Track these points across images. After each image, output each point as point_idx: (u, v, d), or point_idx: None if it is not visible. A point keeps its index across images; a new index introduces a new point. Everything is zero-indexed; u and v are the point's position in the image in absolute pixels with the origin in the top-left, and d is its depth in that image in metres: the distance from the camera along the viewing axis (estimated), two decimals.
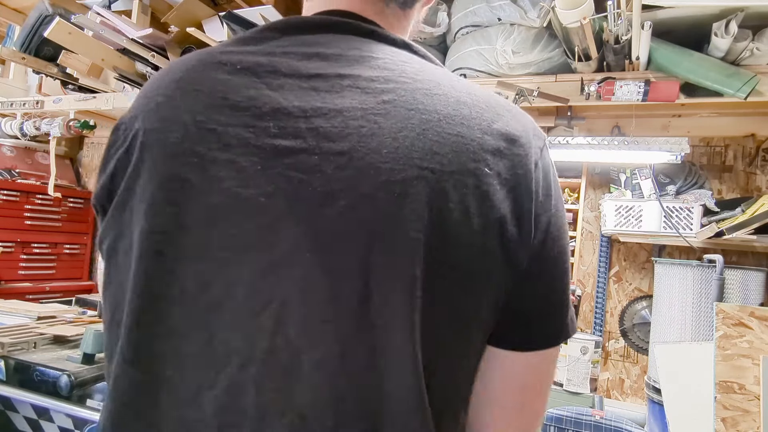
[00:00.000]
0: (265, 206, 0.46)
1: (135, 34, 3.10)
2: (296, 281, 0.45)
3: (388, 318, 0.45)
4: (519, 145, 0.52)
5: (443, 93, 0.50)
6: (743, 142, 2.72)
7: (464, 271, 0.47)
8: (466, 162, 0.47)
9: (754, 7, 1.92)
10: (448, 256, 0.46)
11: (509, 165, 0.50)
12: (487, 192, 0.48)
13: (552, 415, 2.03)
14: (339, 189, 0.45)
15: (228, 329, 0.46)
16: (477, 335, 0.52)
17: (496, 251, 0.48)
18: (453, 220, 0.46)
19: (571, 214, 2.97)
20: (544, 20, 2.36)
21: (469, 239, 0.47)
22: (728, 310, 1.82)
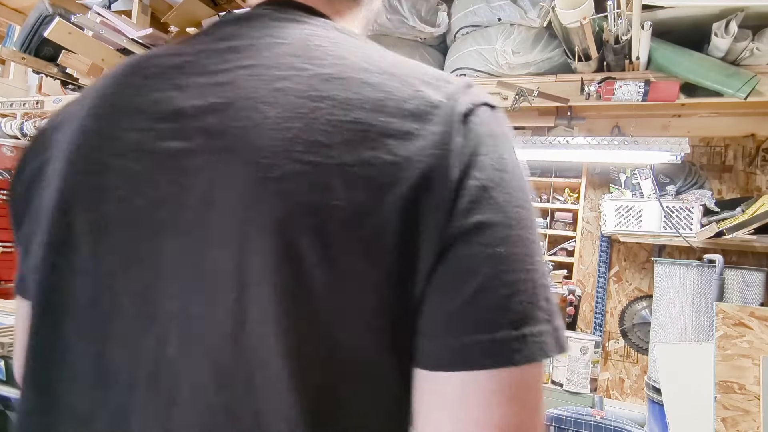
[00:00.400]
0: (151, 214, 0.43)
1: (135, 34, 3.10)
2: (177, 296, 0.42)
3: (264, 337, 0.40)
4: (435, 122, 0.43)
5: (347, 76, 0.44)
6: (743, 142, 2.72)
7: (352, 273, 0.40)
8: (361, 151, 0.41)
9: (754, 7, 1.92)
10: (332, 260, 0.40)
11: (420, 147, 0.42)
12: (383, 184, 0.40)
13: (552, 415, 2.03)
14: (219, 190, 0.42)
15: (116, 348, 0.44)
16: (385, 353, 0.42)
17: (395, 249, 0.40)
18: (337, 219, 0.40)
19: (571, 214, 2.97)
20: (544, 20, 2.36)
21: (359, 236, 0.40)
22: (728, 310, 1.82)
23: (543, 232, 2.98)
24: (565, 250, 2.96)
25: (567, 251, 2.95)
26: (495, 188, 0.43)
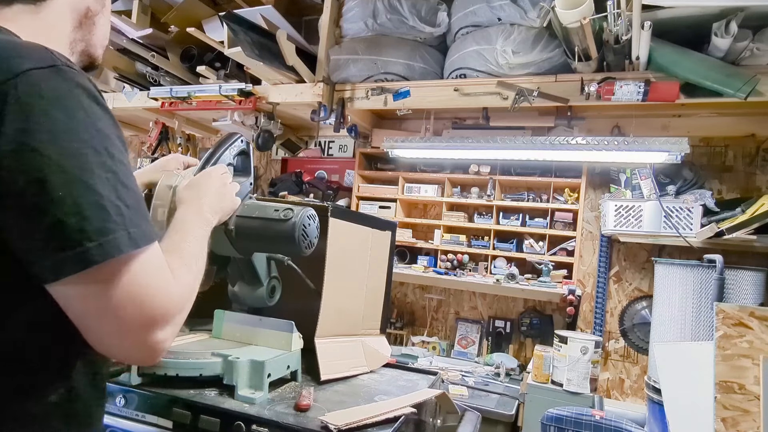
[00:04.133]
0: None
1: (135, 34, 3.11)
2: None
3: None
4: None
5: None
6: (743, 142, 2.72)
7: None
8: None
9: (754, 7, 1.92)
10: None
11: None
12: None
13: (552, 415, 2.03)
14: None
15: None
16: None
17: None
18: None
19: (571, 214, 2.97)
20: (544, 20, 2.36)
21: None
22: (728, 310, 1.82)
23: (543, 232, 2.98)
24: (565, 250, 2.96)
25: (567, 251, 2.95)
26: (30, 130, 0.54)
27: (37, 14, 0.66)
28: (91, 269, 0.56)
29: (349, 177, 3.61)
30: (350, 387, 1.21)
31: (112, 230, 0.57)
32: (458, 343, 3.21)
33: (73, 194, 0.55)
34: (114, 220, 0.57)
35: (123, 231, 0.58)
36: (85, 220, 0.56)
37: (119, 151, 0.61)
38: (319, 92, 2.81)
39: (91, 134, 0.58)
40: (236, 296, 1.24)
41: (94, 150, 0.58)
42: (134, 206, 0.61)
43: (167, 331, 0.63)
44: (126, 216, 0.59)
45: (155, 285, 0.62)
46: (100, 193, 0.57)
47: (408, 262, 3.34)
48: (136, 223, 0.60)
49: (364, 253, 1.42)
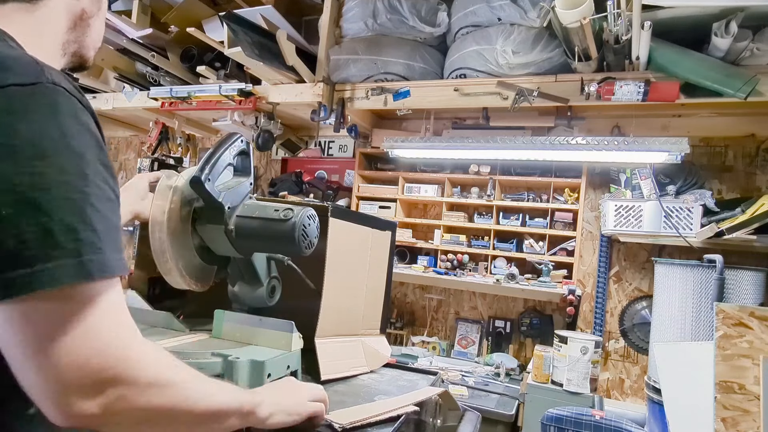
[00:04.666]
0: None
1: (135, 34, 3.11)
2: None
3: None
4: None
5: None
6: (743, 142, 2.72)
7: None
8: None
9: (754, 7, 1.92)
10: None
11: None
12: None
13: (552, 415, 2.03)
14: None
15: None
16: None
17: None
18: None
19: (571, 214, 2.97)
20: (544, 20, 2.36)
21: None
22: (728, 310, 1.82)
23: (543, 232, 2.98)
24: (565, 250, 2.96)
25: (567, 251, 2.95)
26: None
27: (32, 13, 0.66)
28: (14, 300, 0.49)
29: (349, 177, 3.61)
30: (350, 387, 1.21)
31: (54, 257, 0.50)
32: (458, 343, 3.21)
33: (17, 215, 0.49)
34: (62, 245, 0.50)
35: (71, 259, 0.50)
36: (23, 244, 0.49)
37: (95, 172, 0.55)
38: (319, 92, 2.81)
39: (59, 152, 0.53)
40: (236, 296, 1.24)
41: (60, 169, 0.52)
42: (102, 232, 0.53)
43: (103, 400, 0.51)
44: (84, 241, 0.51)
45: (107, 329, 0.53)
46: (50, 216, 0.50)
47: (408, 262, 3.34)
48: (96, 251, 0.52)
49: (364, 253, 1.42)
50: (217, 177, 1.07)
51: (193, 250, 1.12)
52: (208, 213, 1.10)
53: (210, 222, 1.10)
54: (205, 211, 1.10)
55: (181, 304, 1.43)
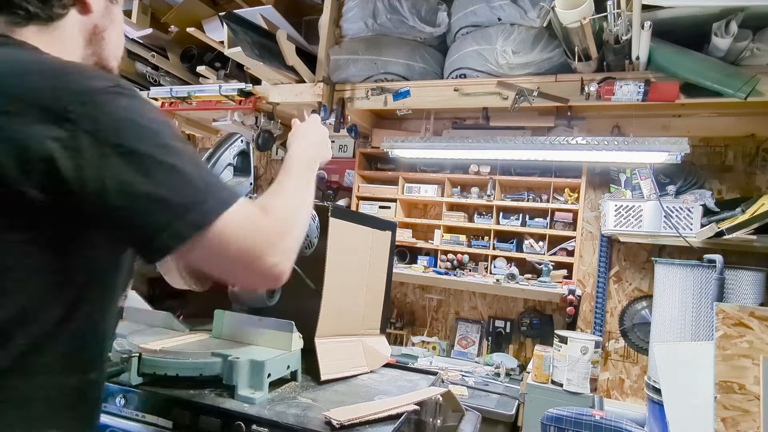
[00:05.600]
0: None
1: (135, 34, 3.11)
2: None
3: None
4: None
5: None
6: (743, 142, 2.72)
7: None
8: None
9: (754, 7, 1.92)
10: None
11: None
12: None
13: (552, 415, 2.03)
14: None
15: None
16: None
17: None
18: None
19: (571, 214, 2.97)
20: (544, 20, 2.36)
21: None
22: (728, 310, 1.82)
23: (543, 232, 2.98)
24: (565, 250, 2.96)
25: (567, 251, 2.95)
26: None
27: (51, 34, 0.71)
28: (201, 231, 0.65)
29: (349, 177, 3.61)
30: (350, 387, 1.21)
31: (212, 195, 0.68)
32: (458, 343, 3.21)
33: (174, 178, 0.65)
34: (211, 187, 0.69)
35: (225, 192, 0.70)
36: (191, 193, 0.66)
37: (185, 142, 0.72)
38: (319, 92, 2.81)
39: (168, 130, 0.68)
40: (236, 296, 1.24)
41: (176, 140, 0.68)
42: (212, 179, 0.72)
43: (277, 256, 0.73)
44: (219, 184, 0.71)
45: (246, 226, 0.71)
46: (193, 173, 0.67)
47: (408, 262, 3.34)
48: (220, 189, 0.70)
49: (365, 253, 1.42)
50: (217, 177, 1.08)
51: None
52: None
53: None
54: None
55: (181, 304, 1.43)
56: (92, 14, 0.76)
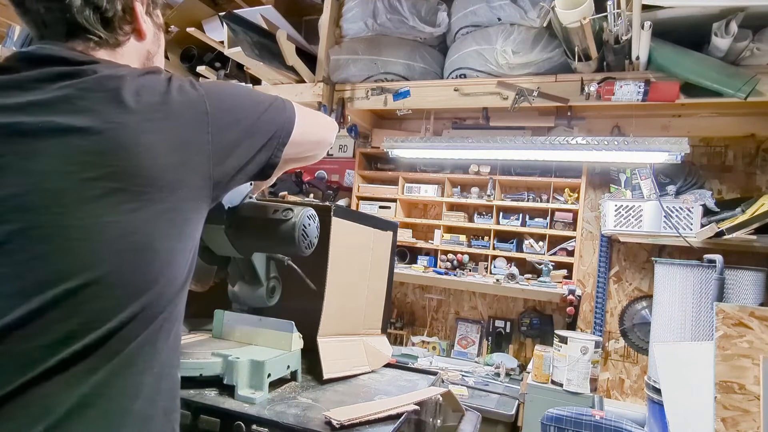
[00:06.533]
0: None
1: None
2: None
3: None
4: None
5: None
6: (743, 142, 2.72)
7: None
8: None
9: (754, 7, 1.92)
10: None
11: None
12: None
13: (552, 415, 2.03)
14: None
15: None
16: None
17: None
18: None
19: (571, 214, 2.97)
20: (544, 20, 2.36)
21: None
22: (728, 310, 1.82)
23: (543, 232, 2.99)
24: (565, 250, 2.96)
25: (567, 251, 2.95)
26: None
27: (117, 58, 0.81)
28: (287, 141, 0.87)
29: (349, 177, 3.61)
30: (350, 387, 1.21)
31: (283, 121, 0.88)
32: (458, 343, 3.21)
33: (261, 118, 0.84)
34: (279, 121, 0.87)
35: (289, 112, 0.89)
36: (263, 137, 0.84)
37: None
38: (319, 92, 2.81)
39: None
40: (236, 296, 1.24)
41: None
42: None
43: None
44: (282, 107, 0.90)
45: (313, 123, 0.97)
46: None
47: (408, 262, 3.34)
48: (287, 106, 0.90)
49: (366, 253, 1.42)
50: None
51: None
52: (208, 213, 1.10)
53: (210, 222, 1.09)
54: None
55: None
56: (145, 41, 0.87)
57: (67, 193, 0.63)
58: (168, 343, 0.73)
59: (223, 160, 0.76)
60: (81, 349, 0.62)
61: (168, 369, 0.74)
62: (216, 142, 0.75)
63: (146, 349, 0.69)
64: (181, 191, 0.71)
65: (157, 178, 0.68)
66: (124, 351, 0.66)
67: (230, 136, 0.78)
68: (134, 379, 0.68)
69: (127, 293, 0.66)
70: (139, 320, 0.67)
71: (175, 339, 0.76)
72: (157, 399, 0.71)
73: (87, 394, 0.63)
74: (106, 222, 0.64)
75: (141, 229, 0.67)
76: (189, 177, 0.72)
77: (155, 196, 0.67)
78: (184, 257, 0.75)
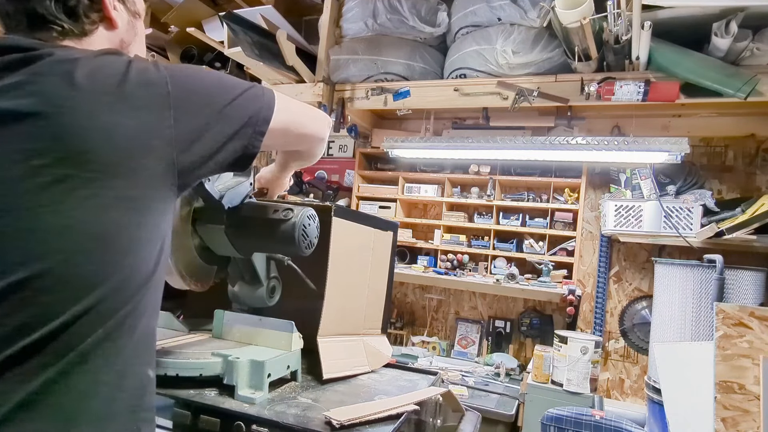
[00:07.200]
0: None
1: None
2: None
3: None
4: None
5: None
6: (743, 142, 2.72)
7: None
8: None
9: (754, 7, 1.92)
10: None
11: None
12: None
13: (552, 415, 2.03)
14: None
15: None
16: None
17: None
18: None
19: (571, 214, 2.97)
20: (544, 20, 2.36)
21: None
22: (728, 310, 1.82)
23: (543, 232, 2.99)
24: (565, 250, 2.96)
25: (567, 251, 2.95)
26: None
27: (82, 47, 0.76)
28: (268, 128, 0.82)
29: (349, 177, 3.61)
30: (350, 387, 1.21)
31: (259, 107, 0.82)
32: (458, 343, 3.21)
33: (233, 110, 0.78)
34: (256, 104, 0.82)
35: (267, 99, 0.85)
36: (242, 117, 0.78)
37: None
38: (319, 92, 2.81)
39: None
40: (236, 296, 1.24)
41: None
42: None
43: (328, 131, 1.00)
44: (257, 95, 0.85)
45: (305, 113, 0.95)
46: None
47: (408, 262, 3.34)
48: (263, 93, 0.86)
49: (367, 253, 1.42)
50: (217, 177, 1.08)
51: (193, 250, 1.12)
52: (207, 213, 1.10)
53: (210, 222, 1.10)
54: (205, 211, 1.10)
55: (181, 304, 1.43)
56: (118, 30, 0.81)
57: (15, 181, 0.60)
58: (133, 339, 0.70)
59: (188, 146, 0.71)
60: (32, 344, 0.60)
61: (134, 367, 0.71)
62: (180, 126, 0.69)
63: (105, 345, 0.65)
64: (140, 178, 0.67)
65: (112, 163, 0.64)
66: (78, 347, 0.63)
67: (196, 121, 0.72)
68: (90, 376, 0.65)
69: (80, 284, 0.63)
70: (95, 314, 0.64)
71: (143, 335, 0.72)
72: (120, 398, 0.69)
73: (37, 392, 0.60)
74: (56, 210, 0.61)
75: (95, 217, 0.63)
76: (148, 163, 0.67)
77: (111, 182, 0.64)
78: (150, 248, 0.71)
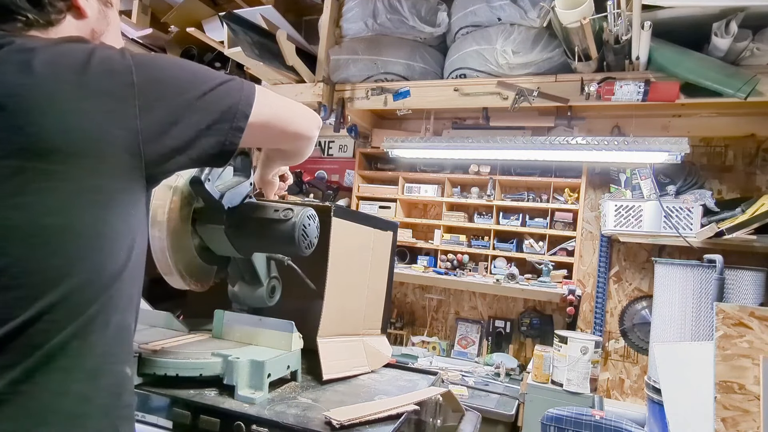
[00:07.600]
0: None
1: (135, 34, 3.10)
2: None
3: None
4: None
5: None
6: (743, 142, 2.72)
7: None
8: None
9: (754, 7, 1.92)
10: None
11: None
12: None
13: (552, 415, 2.03)
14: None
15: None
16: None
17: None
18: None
19: (571, 214, 2.97)
20: (544, 20, 2.36)
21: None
22: (728, 310, 1.82)
23: (543, 232, 2.99)
24: (565, 250, 2.96)
25: (567, 251, 2.95)
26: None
27: (48, 37, 0.73)
28: (248, 124, 0.77)
29: (349, 177, 3.61)
30: (350, 387, 1.21)
31: (237, 101, 0.77)
32: (458, 343, 3.21)
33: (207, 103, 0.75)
34: (234, 97, 0.77)
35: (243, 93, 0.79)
36: (220, 110, 0.75)
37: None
38: (319, 92, 2.81)
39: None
40: (236, 296, 1.24)
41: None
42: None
43: (316, 130, 0.96)
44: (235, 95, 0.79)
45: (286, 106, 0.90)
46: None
47: (408, 262, 3.34)
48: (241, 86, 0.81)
49: (366, 253, 1.42)
50: (217, 177, 1.08)
51: (193, 250, 1.12)
52: (208, 213, 1.10)
53: (210, 222, 1.10)
54: (205, 211, 1.10)
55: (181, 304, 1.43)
56: (88, 19, 0.77)
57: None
58: (106, 335, 0.68)
59: (156, 138, 0.68)
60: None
61: (109, 365, 0.69)
62: (146, 117, 0.66)
63: (74, 344, 0.64)
64: (103, 169, 0.64)
65: (72, 153, 0.62)
66: (45, 345, 0.61)
67: (164, 112, 0.69)
68: (61, 375, 0.63)
69: (42, 279, 0.61)
70: (61, 310, 0.62)
71: (118, 331, 0.70)
72: (93, 397, 0.67)
73: (3, 391, 0.59)
74: (14, 204, 0.60)
75: (55, 210, 0.61)
76: (111, 154, 0.65)
77: (71, 174, 0.62)
78: (120, 242, 0.68)
